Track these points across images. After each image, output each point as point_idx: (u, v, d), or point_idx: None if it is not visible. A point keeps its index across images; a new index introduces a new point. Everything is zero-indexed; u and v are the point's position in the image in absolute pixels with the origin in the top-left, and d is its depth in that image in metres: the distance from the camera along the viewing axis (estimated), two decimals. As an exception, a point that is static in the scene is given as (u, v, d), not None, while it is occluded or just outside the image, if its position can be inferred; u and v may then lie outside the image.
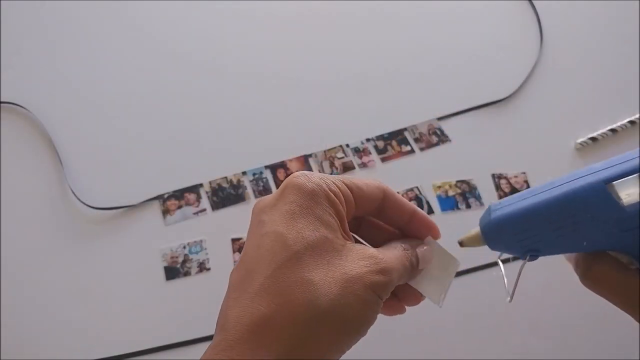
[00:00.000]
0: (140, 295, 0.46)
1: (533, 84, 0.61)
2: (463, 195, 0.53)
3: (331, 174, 0.53)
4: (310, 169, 0.53)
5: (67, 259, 0.47)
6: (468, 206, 0.52)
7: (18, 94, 0.56)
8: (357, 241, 0.30)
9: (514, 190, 0.53)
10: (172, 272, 0.47)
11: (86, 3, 0.64)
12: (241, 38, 0.62)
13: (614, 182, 0.23)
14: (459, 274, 0.43)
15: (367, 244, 0.30)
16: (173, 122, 0.56)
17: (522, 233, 0.27)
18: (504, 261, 0.31)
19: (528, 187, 0.53)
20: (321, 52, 0.62)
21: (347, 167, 0.54)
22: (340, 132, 0.56)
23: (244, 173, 0.53)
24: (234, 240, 0.49)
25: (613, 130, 0.57)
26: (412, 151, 0.55)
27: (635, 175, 0.23)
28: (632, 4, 0.68)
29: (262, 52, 0.61)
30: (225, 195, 0.51)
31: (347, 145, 0.55)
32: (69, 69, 0.59)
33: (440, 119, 0.57)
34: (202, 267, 0.48)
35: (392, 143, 0.55)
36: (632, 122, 0.58)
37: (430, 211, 0.51)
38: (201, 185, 0.52)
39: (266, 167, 0.53)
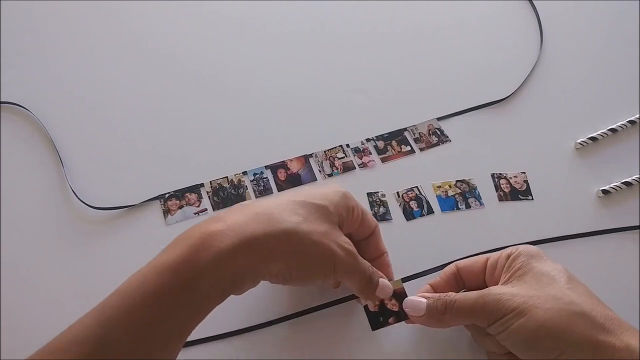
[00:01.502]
0: (141, 295, 0.46)
1: (533, 84, 0.61)
2: (463, 195, 0.53)
3: (331, 174, 0.53)
4: (310, 169, 0.53)
5: (67, 259, 0.47)
6: (468, 206, 0.52)
7: (18, 94, 0.56)
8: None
9: (513, 190, 0.53)
10: (173, 272, 0.47)
11: (87, 3, 0.64)
12: (241, 38, 0.62)
13: None
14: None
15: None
16: (174, 123, 0.56)
17: None
18: None
19: (528, 187, 0.54)
20: (321, 52, 0.62)
21: (348, 167, 0.54)
22: (341, 132, 0.56)
23: (244, 173, 0.53)
24: (234, 240, 0.49)
25: (613, 130, 0.57)
26: (412, 151, 0.55)
27: None
28: (632, 4, 0.68)
29: (261, 53, 0.61)
30: (226, 195, 0.51)
31: (348, 145, 0.55)
32: (69, 69, 0.59)
33: (440, 119, 0.58)
34: (203, 267, 0.48)
35: (392, 143, 0.56)
36: (632, 122, 0.58)
37: (431, 211, 0.51)
38: (202, 185, 0.52)
39: (267, 167, 0.53)
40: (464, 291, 0.41)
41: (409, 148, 0.55)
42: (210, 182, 0.52)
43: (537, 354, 0.35)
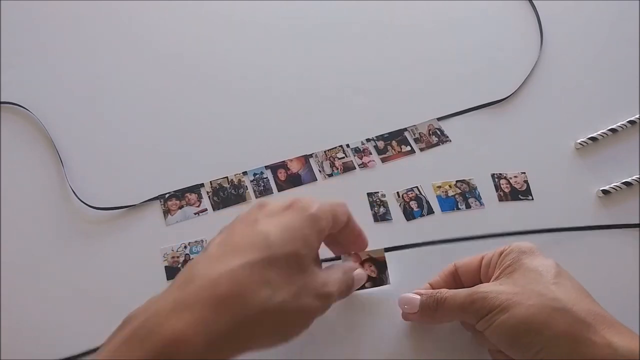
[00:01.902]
0: (141, 295, 0.46)
1: (533, 84, 0.61)
2: (463, 195, 0.53)
3: (332, 174, 0.53)
4: (310, 169, 0.53)
5: (67, 259, 0.47)
6: (468, 206, 0.52)
7: (18, 94, 0.56)
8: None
9: (514, 190, 0.53)
10: (173, 272, 0.47)
11: (87, 3, 0.64)
12: (241, 38, 0.62)
13: None
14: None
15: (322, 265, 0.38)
16: (174, 123, 0.56)
17: None
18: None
19: (528, 187, 0.54)
20: (321, 52, 0.62)
21: (348, 167, 0.54)
22: (341, 132, 0.56)
23: (244, 173, 0.53)
24: (234, 240, 0.49)
25: (613, 130, 0.57)
26: (412, 151, 0.55)
27: None
28: (632, 4, 0.68)
29: (261, 53, 0.62)
30: (226, 195, 0.51)
31: (348, 146, 0.55)
32: (70, 69, 0.59)
33: (440, 119, 0.58)
34: (203, 267, 0.48)
35: (392, 143, 0.56)
36: (632, 122, 0.58)
37: (431, 211, 0.51)
38: (202, 185, 0.52)
39: (267, 167, 0.53)
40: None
41: (409, 148, 0.55)
42: (210, 182, 0.52)
43: (519, 350, 0.36)
